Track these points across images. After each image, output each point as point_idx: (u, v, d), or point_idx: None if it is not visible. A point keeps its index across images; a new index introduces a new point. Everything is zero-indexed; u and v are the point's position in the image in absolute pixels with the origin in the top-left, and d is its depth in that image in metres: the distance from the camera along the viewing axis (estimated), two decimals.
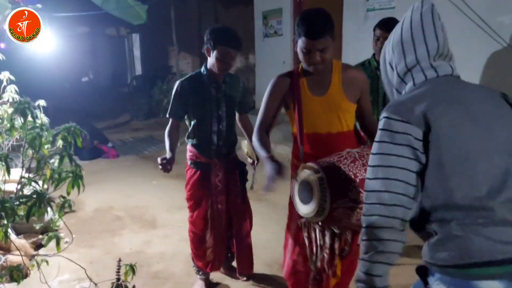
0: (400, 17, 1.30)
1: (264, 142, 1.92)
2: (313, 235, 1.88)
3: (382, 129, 1.14)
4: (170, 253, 3.16)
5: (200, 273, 2.68)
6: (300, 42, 1.79)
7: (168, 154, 2.31)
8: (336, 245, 1.86)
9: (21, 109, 1.48)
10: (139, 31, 13.14)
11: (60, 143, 1.69)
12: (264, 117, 1.98)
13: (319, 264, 1.91)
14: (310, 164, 1.66)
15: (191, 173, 2.53)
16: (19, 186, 1.55)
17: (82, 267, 1.83)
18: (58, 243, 1.66)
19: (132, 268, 1.70)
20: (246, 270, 2.72)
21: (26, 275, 2.79)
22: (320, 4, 2.31)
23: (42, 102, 1.98)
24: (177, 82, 2.44)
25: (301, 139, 1.91)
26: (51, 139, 1.62)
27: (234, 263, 2.76)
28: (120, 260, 1.72)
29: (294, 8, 6.65)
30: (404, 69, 1.23)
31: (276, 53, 7.05)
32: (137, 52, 14.40)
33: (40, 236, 3.27)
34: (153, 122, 8.97)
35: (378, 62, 2.68)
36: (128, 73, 14.97)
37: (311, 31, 1.74)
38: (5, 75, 2.03)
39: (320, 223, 1.77)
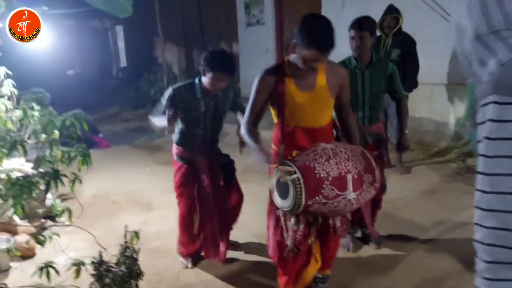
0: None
1: (253, 134, 2.02)
2: (288, 222, 2.00)
3: (493, 120, 0.83)
4: (167, 231, 3.38)
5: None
6: (310, 53, 1.82)
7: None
8: (312, 229, 2.03)
9: (38, 98, 1.71)
10: (123, 23, 13.16)
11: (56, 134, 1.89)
12: (252, 113, 2.05)
13: (294, 242, 2.03)
14: (286, 164, 1.75)
15: (178, 165, 2.73)
16: (35, 165, 1.78)
17: (92, 235, 2.07)
18: (70, 215, 1.90)
19: (136, 234, 1.95)
20: (211, 255, 2.79)
21: (33, 255, 3.04)
22: None
23: None
24: (171, 89, 2.57)
25: (283, 133, 1.99)
26: (59, 124, 1.84)
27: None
28: (127, 226, 1.97)
29: None
30: (485, 30, 0.90)
31: (259, 42, 7.24)
32: (121, 44, 14.42)
33: (43, 220, 3.49)
34: (142, 112, 9.11)
35: (357, 60, 2.70)
36: (113, 65, 15.01)
37: (325, 45, 1.80)
38: (2, 69, 2.21)
39: (295, 215, 1.92)
